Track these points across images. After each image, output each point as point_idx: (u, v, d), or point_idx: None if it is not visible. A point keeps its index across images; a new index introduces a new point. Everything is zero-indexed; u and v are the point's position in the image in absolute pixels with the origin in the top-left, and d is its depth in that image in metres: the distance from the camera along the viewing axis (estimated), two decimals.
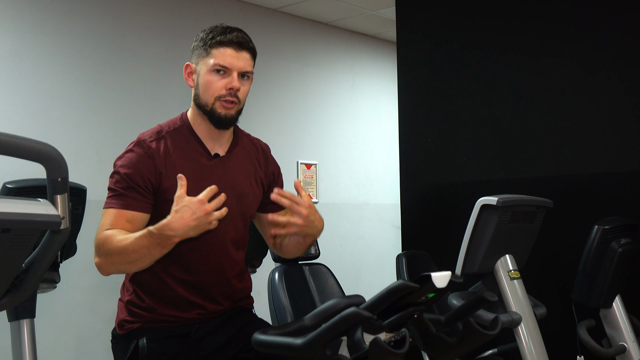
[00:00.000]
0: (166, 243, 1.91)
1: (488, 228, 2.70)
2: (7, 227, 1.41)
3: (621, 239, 2.95)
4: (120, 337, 2.20)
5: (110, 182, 2.11)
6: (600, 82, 3.52)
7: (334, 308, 1.55)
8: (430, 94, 4.23)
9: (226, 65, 2.12)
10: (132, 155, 2.12)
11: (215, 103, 2.14)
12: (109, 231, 2.01)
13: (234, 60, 2.13)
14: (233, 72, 2.13)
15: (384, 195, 6.64)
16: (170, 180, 2.08)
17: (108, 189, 2.11)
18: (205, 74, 2.14)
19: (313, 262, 3.36)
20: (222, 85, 2.12)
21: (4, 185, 2.84)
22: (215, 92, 2.13)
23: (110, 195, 2.09)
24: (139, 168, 2.09)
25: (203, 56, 2.16)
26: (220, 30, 2.16)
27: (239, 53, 2.14)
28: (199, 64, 2.17)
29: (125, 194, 2.06)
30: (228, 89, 2.12)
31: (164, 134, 2.19)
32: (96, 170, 4.56)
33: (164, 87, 5.04)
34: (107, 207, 2.08)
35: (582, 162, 3.55)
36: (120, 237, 1.97)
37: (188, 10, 5.25)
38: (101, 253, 2.01)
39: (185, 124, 2.23)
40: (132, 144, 2.16)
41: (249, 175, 2.25)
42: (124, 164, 2.11)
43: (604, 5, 3.52)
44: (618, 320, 3.02)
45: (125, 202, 2.06)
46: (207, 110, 2.15)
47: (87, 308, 4.48)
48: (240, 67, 2.14)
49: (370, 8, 5.88)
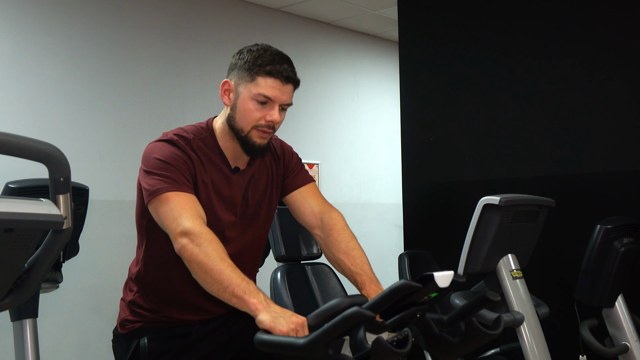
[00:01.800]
0: (245, 309, 1.79)
1: (490, 227, 2.70)
2: (9, 226, 1.41)
3: (624, 239, 2.94)
4: (121, 337, 2.20)
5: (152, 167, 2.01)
6: (602, 82, 3.52)
7: (337, 308, 1.55)
8: (432, 93, 4.23)
9: (270, 97, 2.05)
10: (170, 147, 2.06)
11: (252, 131, 2.08)
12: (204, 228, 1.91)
13: (279, 93, 2.06)
14: (275, 105, 2.07)
15: (386, 194, 6.64)
16: (200, 187, 2.07)
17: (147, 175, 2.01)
18: (247, 100, 2.07)
19: (315, 261, 3.36)
20: (262, 115, 2.07)
21: (6, 185, 2.84)
22: (254, 122, 2.07)
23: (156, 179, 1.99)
24: (180, 157, 2.04)
25: (246, 80, 2.07)
26: (269, 58, 2.07)
27: (285, 86, 2.07)
28: (240, 86, 2.08)
29: (174, 178, 1.99)
30: (267, 121, 2.07)
31: (191, 140, 2.11)
32: (99, 170, 4.57)
33: (165, 87, 5.05)
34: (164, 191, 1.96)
35: (585, 161, 3.55)
36: (222, 265, 1.84)
37: (190, 10, 5.25)
38: (197, 242, 1.87)
39: (212, 134, 2.16)
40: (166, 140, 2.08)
41: (266, 186, 2.25)
42: (162, 153, 2.03)
43: (606, 5, 3.51)
44: (620, 319, 3.02)
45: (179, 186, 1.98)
46: (242, 136, 2.10)
47: (89, 308, 4.48)
48: (284, 100, 2.08)
49: (372, 8, 5.87)
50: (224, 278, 1.81)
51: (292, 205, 2.31)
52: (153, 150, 2.07)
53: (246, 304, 1.77)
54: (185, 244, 1.88)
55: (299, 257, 3.29)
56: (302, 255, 3.30)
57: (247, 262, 2.22)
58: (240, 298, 1.78)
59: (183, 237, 1.89)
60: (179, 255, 1.92)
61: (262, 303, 1.75)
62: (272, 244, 3.28)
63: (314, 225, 2.25)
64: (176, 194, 1.97)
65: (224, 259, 1.85)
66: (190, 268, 1.90)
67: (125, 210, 4.51)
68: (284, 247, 3.24)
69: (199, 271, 1.87)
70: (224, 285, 1.81)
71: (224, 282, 1.81)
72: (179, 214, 1.93)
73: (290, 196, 2.30)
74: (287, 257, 3.26)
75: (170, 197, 1.96)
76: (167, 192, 1.97)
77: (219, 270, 1.83)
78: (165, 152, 2.04)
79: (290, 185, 2.29)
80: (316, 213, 2.25)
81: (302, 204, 2.28)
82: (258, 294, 1.79)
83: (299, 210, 2.29)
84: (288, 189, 2.30)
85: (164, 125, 2.93)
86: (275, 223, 3.25)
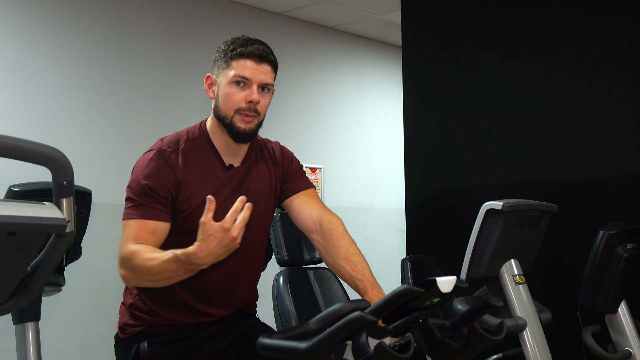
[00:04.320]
0: (193, 269, 1.87)
1: (493, 233, 2.70)
2: (12, 230, 1.41)
3: (627, 244, 2.94)
4: (122, 341, 2.20)
5: (129, 192, 2.08)
6: (606, 86, 3.52)
7: (339, 312, 1.54)
8: (435, 98, 4.23)
9: (246, 76, 2.08)
10: (153, 165, 2.09)
11: (235, 116, 2.11)
12: (134, 246, 1.98)
13: (254, 72, 2.09)
14: (253, 85, 2.09)
15: (388, 199, 6.64)
16: (187, 192, 2.09)
17: (127, 199, 2.08)
18: (225, 85, 2.11)
19: (318, 266, 3.36)
20: (242, 97, 2.09)
21: (9, 188, 2.85)
22: (235, 105, 2.10)
23: (129, 205, 2.06)
24: (160, 178, 2.07)
25: (223, 68, 2.12)
26: (241, 42, 2.12)
27: (259, 65, 2.10)
28: (219, 76, 2.13)
29: (145, 203, 2.04)
30: (248, 102, 2.09)
31: (182, 143, 2.15)
32: (101, 173, 4.58)
33: (169, 91, 5.06)
34: (128, 217, 2.05)
35: (588, 166, 3.54)
36: (147, 256, 1.93)
37: (194, 14, 5.26)
38: (127, 267, 1.98)
39: (204, 134, 2.19)
40: (152, 153, 2.12)
41: (263, 184, 2.25)
42: (144, 174, 2.08)
43: (610, 8, 3.51)
44: (623, 325, 3.01)
45: (147, 212, 2.04)
46: (227, 123, 2.12)
47: (91, 311, 4.48)
48: (261, 79, 2.10)
49: (376, 12, 5.88)
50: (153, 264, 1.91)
51: (291, 210, 2.31)
52: (139, 167, 2.12)
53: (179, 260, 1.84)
54: (122, 275, 2.03)
55: (301, 262, 3.29)
56: (305, 260, 3.30)
57: (246, 265, 2.21)
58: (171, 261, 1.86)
59: (120, 269, 2.02)
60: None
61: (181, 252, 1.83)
62: (274, 248, 3.28)
63: (312, 230, 2.25)
64: (135, 221, 2.04)
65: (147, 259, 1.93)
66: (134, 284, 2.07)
67: None
68: (287, 251, 3.24)
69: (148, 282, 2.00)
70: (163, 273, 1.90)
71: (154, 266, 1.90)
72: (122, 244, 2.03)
73: (289, 201, 2.30)
74: (290, 261, 3.25)
75: (128, 225, 2.06)
76: (129, 219, 2.06)
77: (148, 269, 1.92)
78: (146, 171, 2.08)
79: (290, 189, 2.30)
80: (315, 218, 2.24)
81: (301, 208, 2.28)
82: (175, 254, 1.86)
83: (297, 215, 2.29)
84: (287, 193, 2.30)
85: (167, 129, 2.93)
86: (277, 227, 3.25)
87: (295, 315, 3.03)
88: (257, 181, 2.23)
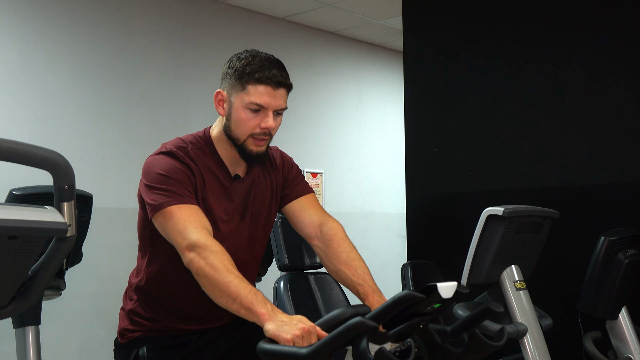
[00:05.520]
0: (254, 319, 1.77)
1: (494, 238, 2.69)
2: (13, 234, 1.41)
3: (627, 250, 2.93)
4: (121, 346, 2.20)
5: (150, 181, 2.01)
6: (607, 92, 3.52)
7: (340, 317, 1.55)
8: (436, 103, 4.23)
9: (262, 104, 2.05)
10: (167, 161, 2.05)
11: (248, 140, 2.08)
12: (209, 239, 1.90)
13: (271, 100, 2.06)
14: (269, 111, 2.07)
15: (389, 204, 6.64)
16: (200, 196, 2.07)
17: (148, 189, 2.01)
18: (240, 109, 2.06)
19: (318, 271, 3.36)
20: (257, 123, 2.06)
21: (10, 192, 2.85)
22: (249, 130, 2.07)
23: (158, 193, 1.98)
24: (180, 169, 2.04)
25: (237, 89, 2.07)
26: (258, 65, 2.06)
27: (276, 91, 2.07)
28: (232, 96, 2.08)
29: (175, 191, 1.99)
30: (262, 128, 2.07)
31: (189, 150, 2.11)
32: (102, 177, 4.58)
33: (170, 95, 5.06)
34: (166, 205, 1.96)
35: (589, 172, 3.54)
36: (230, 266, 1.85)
37: (195, 18, 5.27)
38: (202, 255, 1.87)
39: (209, 143, 2.16)
40: (162, 155, 2.08)
41: (266, 194, 2.24)
42: (162, 167, 2.03)
43: (611, 13, 3.52)
44: (624, 331, 3.00)
45: (181, 198, 1.98)
46: (238, 145, 2.10)
47: (92, 315, 4.48)
48: (276, 105, 2.08)
49: (377, 18, 5.89)
50: (232, 290, 1.81)
51: (291, 216, 2.30)
52: (153, 163, 2.06)
53: (254, 314, 1.76)
54: (193, 258, 1.89)
55: (302, 267, 3.29)
56: (305, 265, 3.29)
57: (247, 272, 2.21)
58: (248, 309, 1.78)
59: (190, 251, 1.89)
60: (188, 268, 1.92)
61: (269, 313, 1.74)
62: (275, 253, 3.28)
63: (312, 236, 2.24)
64: (179, 207, 1.97)
65: (230, 270, 1.85)
66: (198, 281, 1.90)
67: (128, 217, 4.51)
68: (287, 256, 3.24)
69: (207, 284, 1.87)
70: (232, 296, 1.81)
71: (232, 293, 1.81)
72: (184, 227, 1.92)
73: (289, 206, 2.30)
74: (290, 266, 3.25)
75: (174, 211, 1.96)
76: (170, 206, 1.97)
77: (227, 282, 1.83)
78: (165, 165, 2.04)
79: (290, 195, 2.29)
80: (315, 223, 2.24)
81: (301, 214, 2.27)
82: (265, 304, 1.78)
83: (297, 220, 2.28)
84: (287, 199, 2.29)
85: (168, 133, 2.94)
86: (278, 232, 3.25)
87: None
88: (261, 192, 2.23)
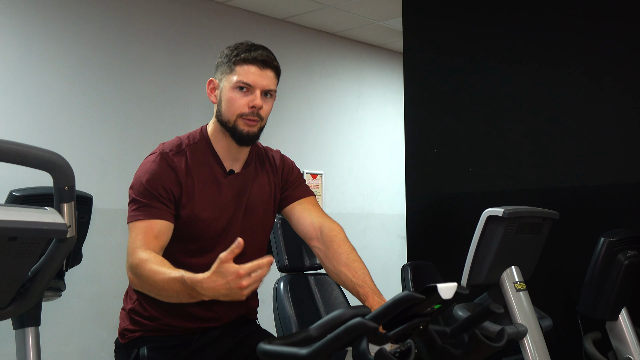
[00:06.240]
0: (194, 296, 1.83)
1: (494, 239, 2.69)
2: (13, 235, 1.41)
3: (627, 251, 2.93)
4: (122, 346, 2.20)
5: (132, 193, 2.09)
6: (607, 93, 3.52)
7: (340, 318, 1.54)
8: (436, 104, 4.24)
9: (249, 82, 2.10)
10: (154, 166, 2.10)
11: (238, 120, 2.12)
12: (144, 253, 1.96)
13: (257, 78, 2.11)
14: (256, 90, 2.11)
15: (389, 205, 6.64)
16: (189, 195, 2.10)
17: (130, 201, 2.09)
18: (228, 90, 2.12)
19: (318, 272, 3.36)
20: (245, 102, 2.11)
21: (10, 193, 2.85)
22: (238, 110, 2.11)
23: (134, 207, 2.07)
24: (162, 179, 2.08)
25: (227, 73, 2.14)
26: (245, 48, 2.14)
27: (262, 71, 2.12)
28: (222, 80, 2.15)
29: (150, 204, 2.05)
30: (250, 107, 2.11)
31: (184, 147, 2.16)
32: (102, 178, 4.58)
33: (170, 96, 5.06)
34: (134, 219, 2.05)
35: (589, 173, 3.54)
36: (155, 268, 1.91)
37: (195, 19, 5.27)
38: (135, 273, 1.98)
39: (205, 138, 2.21)
40: (154, 156, 2.14)
41: (263, 191, 2.25)
42: (145, 175, 2.09)
43: (611, 14, 3.52)
44: (624, 332, 3.00)
45: (151, 212, 2.04)
46: (229, 127, 2.14)
47: (91, 316, 4.48)
48: (264, 85, 2.12)
49: (377, 19, 5.89)
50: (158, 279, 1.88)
51: (291, 217, 2.32)
52: (142, 170, 2.13)
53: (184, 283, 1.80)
54: (131, 279, 2.01)
55: (302, 268, 3.29)
56: (305, 266, 3.29)
57: None
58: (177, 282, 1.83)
59: (130, 271, 2.00)
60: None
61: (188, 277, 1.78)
62: (275, 254, 3.27)
63: (313, 237, 2.25)
64: (144, 222, 2.04)
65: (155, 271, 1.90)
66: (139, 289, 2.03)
67: None
68: (287, 257, 3.24)
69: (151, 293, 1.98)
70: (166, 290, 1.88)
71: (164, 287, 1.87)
72: (133, 249, 2.00)
73: (289, 208, 2.31)
74: (290, 267, 3.25)
75: (137, 227, 2.04)
76: (136, 221, 2.05)
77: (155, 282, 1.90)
78: (149, 173, 2.09)
79: (290, 197, 2.30)
80: (316, 225, 2.25)
81: (301, 215, 2.28)
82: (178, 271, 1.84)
83: (298, 222, 2.30)
84: (287, 201, 2.31)
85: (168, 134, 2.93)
86: (278, 233, 3.25)
87: (296, 321, 3.03)
88: (257, 188, 2.24)
